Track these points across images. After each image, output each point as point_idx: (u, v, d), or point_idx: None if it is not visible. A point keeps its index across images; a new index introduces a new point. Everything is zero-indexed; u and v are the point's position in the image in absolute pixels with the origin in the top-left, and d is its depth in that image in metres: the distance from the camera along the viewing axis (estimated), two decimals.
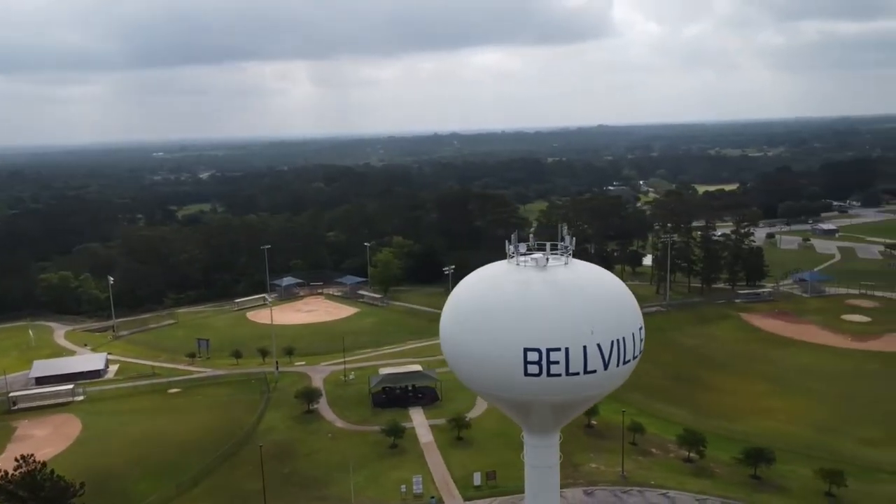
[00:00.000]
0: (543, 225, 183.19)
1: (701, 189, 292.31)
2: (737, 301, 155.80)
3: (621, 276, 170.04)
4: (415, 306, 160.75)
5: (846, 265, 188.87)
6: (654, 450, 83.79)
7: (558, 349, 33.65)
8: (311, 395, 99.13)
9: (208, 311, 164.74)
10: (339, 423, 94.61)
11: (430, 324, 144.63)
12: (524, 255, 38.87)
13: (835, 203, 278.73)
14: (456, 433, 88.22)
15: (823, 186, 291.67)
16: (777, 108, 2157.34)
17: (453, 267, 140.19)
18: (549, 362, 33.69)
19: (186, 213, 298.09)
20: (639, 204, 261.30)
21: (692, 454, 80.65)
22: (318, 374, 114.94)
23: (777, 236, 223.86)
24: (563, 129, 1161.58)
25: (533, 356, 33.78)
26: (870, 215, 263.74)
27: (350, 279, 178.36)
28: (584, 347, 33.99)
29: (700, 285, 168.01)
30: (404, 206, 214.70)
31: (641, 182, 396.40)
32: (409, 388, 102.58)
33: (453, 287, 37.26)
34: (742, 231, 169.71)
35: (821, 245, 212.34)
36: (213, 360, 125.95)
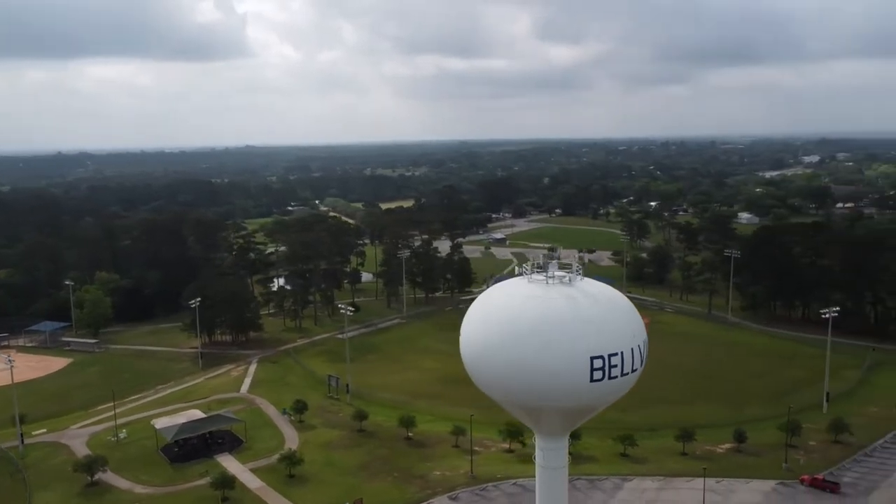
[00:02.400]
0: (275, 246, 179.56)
1: (385, 206, 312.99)
2: (461, 306, 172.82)
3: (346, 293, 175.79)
4: (145, 347, 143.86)
5: None
6: (477, 448, 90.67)
7: (616, 353, 37.73)
8: (92, 464, 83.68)
9: None
10: (141, 489, 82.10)
11: (177, 364, 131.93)
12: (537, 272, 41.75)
13: (493, 215, 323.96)
14: (286, 472, 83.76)
15: (482, 201, 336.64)
16: (405, 131, 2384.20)
17: (199, 299, 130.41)
18: (610, 366, 37.54)
19: None
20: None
21: (513, 445, 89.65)
22: (75, 439, 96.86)
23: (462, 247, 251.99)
24: (209, 148, 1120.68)
25: (598, 363, 37.27)
26: (522, 224, 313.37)
27: (48, 325, 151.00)
28: (632, 350, 38.63)
29: (424, 295, 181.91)
30: (95, 238, 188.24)
31: (317, 202, 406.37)
32: (208, 434, 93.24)
33: (199, 321, 37.94)
34: (454, 242, 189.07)
35: (499, 252, 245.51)
36: None
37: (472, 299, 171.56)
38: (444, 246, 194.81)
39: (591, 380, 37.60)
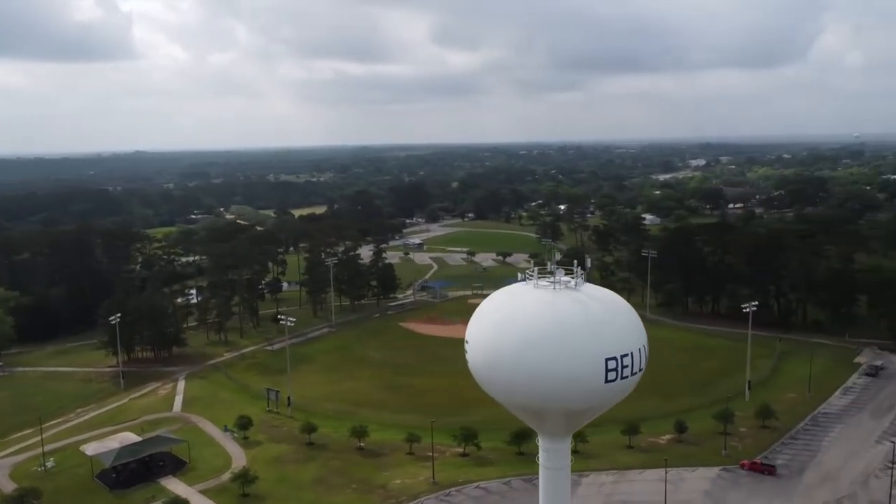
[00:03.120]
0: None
1: (296, 213, 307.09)
2: (389, 313, 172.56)
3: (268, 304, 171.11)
4: (55, 368, 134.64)
5: (444, 272, 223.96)
6: (430, 453, 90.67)
7: (627, 354, 39.26)
8: (24, 497, 77.62)
9: None
10: None
11: (96, 385, 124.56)
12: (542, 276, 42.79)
13: (407, 220, 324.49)
14: (240, 491, 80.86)
15: (395, 206, 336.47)
16: (305, 136, 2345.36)
17: (119, 315, 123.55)
18: (622, 367, 39.02)
19: None
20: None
21: (467, 449, 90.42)
22: None
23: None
24: (95, 154, 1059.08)
25: (612, 364, 38.66)
26: (436, 229, 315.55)
27: None
28: (639, 350, 40.27)
29: (350, 303, 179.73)
30: None
31: (222, 209, 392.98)
32: (147, 458, 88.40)
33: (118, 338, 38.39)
34: (378, 248, 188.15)
35: (418, 257, 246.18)
36: None
37: (400, 305, 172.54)
38: (363, 252, 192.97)
39: (606, 381, 38.94)
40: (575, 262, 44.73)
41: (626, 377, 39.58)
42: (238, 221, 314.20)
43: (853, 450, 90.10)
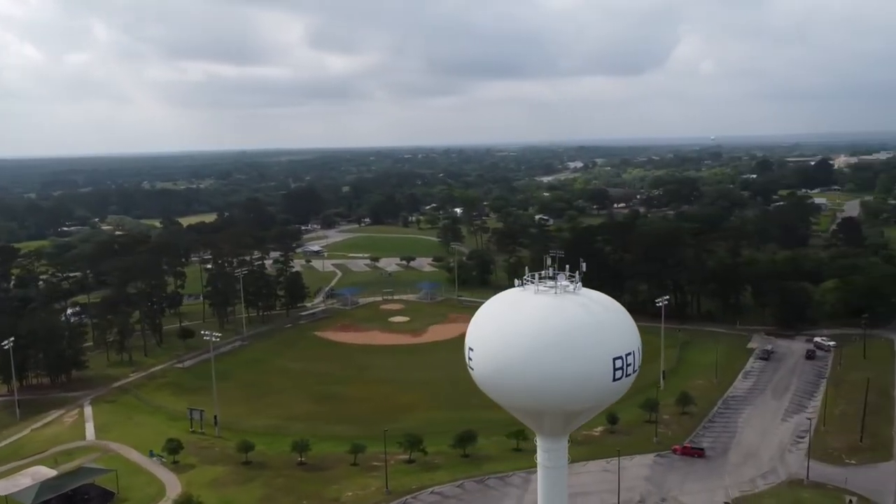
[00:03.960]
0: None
1: (184, 222, 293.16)
2: (301, 322, 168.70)
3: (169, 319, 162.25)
4: None
5: (349, 279, 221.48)
6: (377, 463, 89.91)
7: (630, 353, 41.31)
8: None
9: None
10: None
11: None
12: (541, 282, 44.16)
13: (303, 227, 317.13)
14: None
15: (288, 213, 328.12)
16: (177, 141, 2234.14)
17: (12, 339, 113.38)
18: (626, 365, 41.01)
19: None
20: None
21: (413, 455, 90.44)
22: None
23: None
24: None
25: (619, 363, 40.56)
26: (334, 235, 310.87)
27: None
28: (637, 349, 42.42)
29: (257, 314, 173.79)
30: None
31: (97, 220, 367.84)
32: (71, 492, 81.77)
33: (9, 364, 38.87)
34: (286, 256, 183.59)
35: (320, 265, 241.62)
36: None
37: (311, 314, 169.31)
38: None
39: (614, 379, 40.76)
40: (567, 266, 46.27)
41: (629, 375, 41.58)
42: (118, 233, 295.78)
43: (765, 428, 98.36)
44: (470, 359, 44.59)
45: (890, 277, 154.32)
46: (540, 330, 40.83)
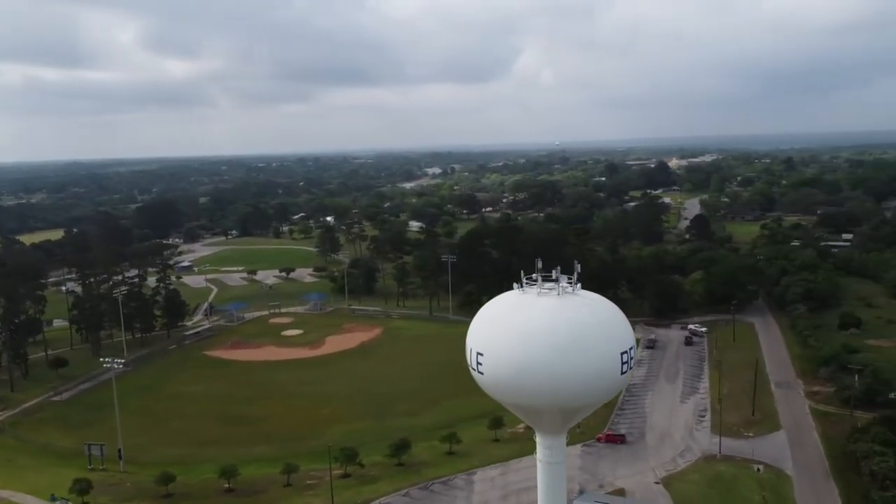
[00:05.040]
0: None
1: (27, 241, 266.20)
2: (187, 343, 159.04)
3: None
4: None
5: (227, 294, 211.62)
6: (311, 481, 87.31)
7: (632, 347, 43.77)
8: None
9: None
10: None
11: None
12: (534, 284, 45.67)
13: (164, 242, 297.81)
14: None
15: (146, 228, 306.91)
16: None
17: None
18: (630, 359, 43.44)
19: None
20: None
21: (348, 469, 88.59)
22: None
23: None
24: None
25: (625, 357, 42.85)
26: (200, 249, 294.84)
27: None
28: (635, 343, 45.03)
29: (132, 336, 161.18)
30: None
31: None
32: None
33: None
34: (164, 272, 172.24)
35: (192, 281, 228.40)
36: None
37: (196, 333, 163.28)
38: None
39: (621, 373, 42.98)
40: (560, 268, 47.95)
41: (630, 368, 44.03)
42: None
43: (669, 411, 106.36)
44: (479, 363, 44.73)
45: (745, 268, 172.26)
46: (553, 331, 42.03)
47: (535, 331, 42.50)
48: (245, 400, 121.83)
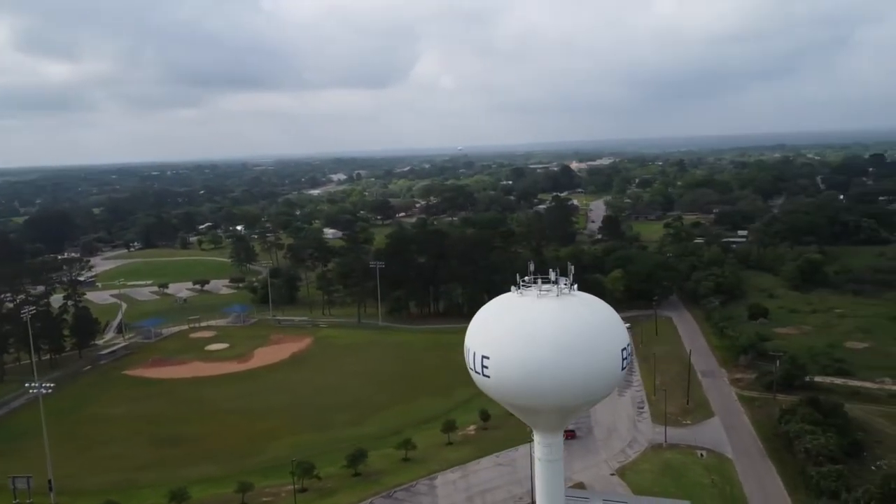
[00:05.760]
0: None
1: None
2: (102, 363, 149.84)
3: None
4: None
5: (138, 309, 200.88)
6: (267, 498, 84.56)
7: (629, 343, 45.48)
8: None
9: None
10: None
11: None
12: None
13: (59, 257, 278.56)
14: None
15: (37, 242, 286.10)
16: None
17: None
18: (628, 354, 45.10)
19: None
20: None
21: (306, 483, 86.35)
22: None
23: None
24: None
25: (624, 353, 44.44)
26: (101, 263, 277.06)
27: None
28: (630, 341, 46.73)
29: (42, 357, 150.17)
30: None
31: None
32: None
33: None
34: (73, 290, 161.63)
35: (96, 297, 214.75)
36: None
37: (112, 352, 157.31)
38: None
39: (622, 368, 44.50)
40: (556, 270, 48.96)
41: (628, 364, 45.73)
42: None
43: (609, 405, 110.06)
44: (485, 367, 44.99)
45: (661, 265, 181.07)
46: (560, 331, 42.93)
47: (541, 332, 43.31)
48: (176, 419, 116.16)
